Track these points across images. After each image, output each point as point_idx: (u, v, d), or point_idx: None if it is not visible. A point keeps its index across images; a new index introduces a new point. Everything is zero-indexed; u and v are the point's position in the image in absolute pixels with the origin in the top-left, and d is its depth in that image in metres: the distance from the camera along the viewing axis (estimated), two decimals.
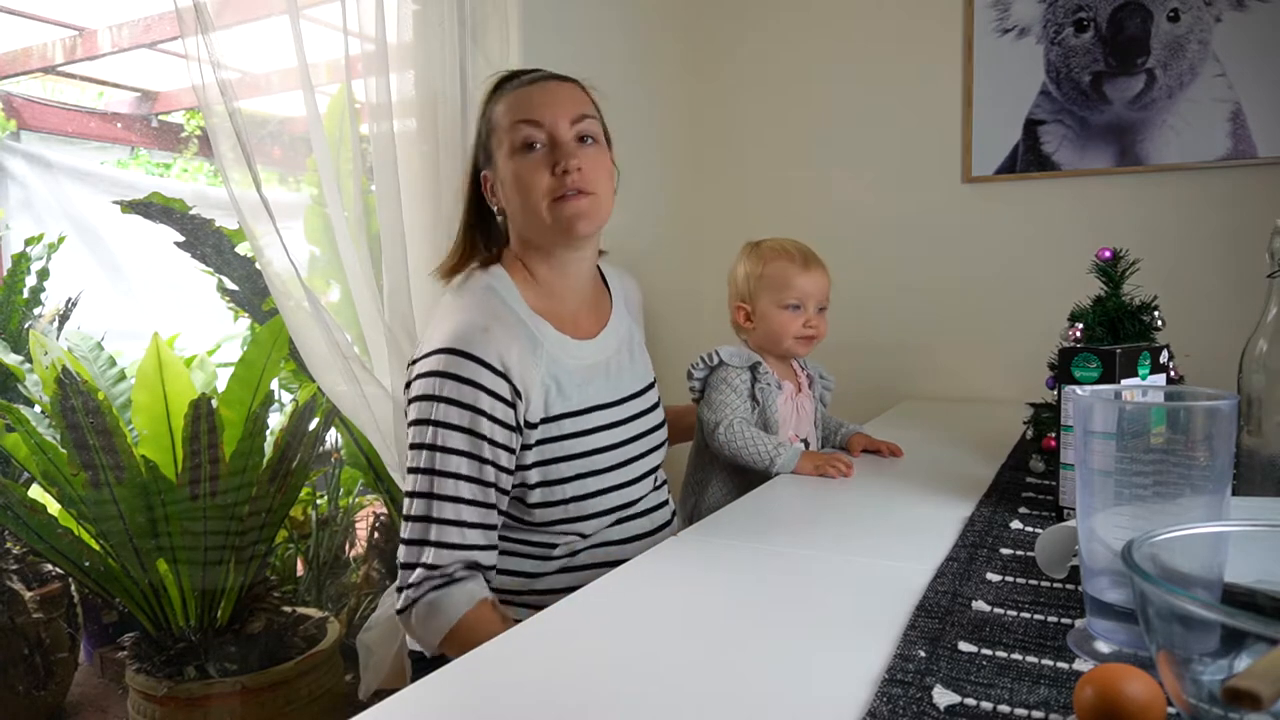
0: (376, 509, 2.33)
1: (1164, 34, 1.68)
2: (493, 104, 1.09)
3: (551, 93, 1.05)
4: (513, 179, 1.04)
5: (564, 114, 1.03)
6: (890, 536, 0.88)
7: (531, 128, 1.03)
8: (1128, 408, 0.56)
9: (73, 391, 1.72)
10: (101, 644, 2.41)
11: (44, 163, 3.50)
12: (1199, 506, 0.54)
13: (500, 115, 1.06)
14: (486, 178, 1.10)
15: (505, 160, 1.05)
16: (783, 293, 1.27)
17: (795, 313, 1.27)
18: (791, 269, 1.27)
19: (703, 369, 1.27)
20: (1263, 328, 0.88)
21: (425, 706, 0.56)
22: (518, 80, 1.09)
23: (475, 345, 0.98)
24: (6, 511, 1.79)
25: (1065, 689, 0.53)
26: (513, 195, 1.05)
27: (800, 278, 1.27)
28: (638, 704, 0.55)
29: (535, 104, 1.04)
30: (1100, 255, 1.07)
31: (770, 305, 1.28)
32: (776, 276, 1.27)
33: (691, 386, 1.29)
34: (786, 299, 1.27)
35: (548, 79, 1.08)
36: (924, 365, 1.95)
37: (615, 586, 0.76)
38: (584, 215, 1.03)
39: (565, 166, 1.01)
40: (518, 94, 1.06)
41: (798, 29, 2.04)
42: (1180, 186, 1.71)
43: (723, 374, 1.24)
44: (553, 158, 1.02)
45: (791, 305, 1.27)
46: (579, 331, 1.10)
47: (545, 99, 1.04)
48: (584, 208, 1.03)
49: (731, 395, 1.22)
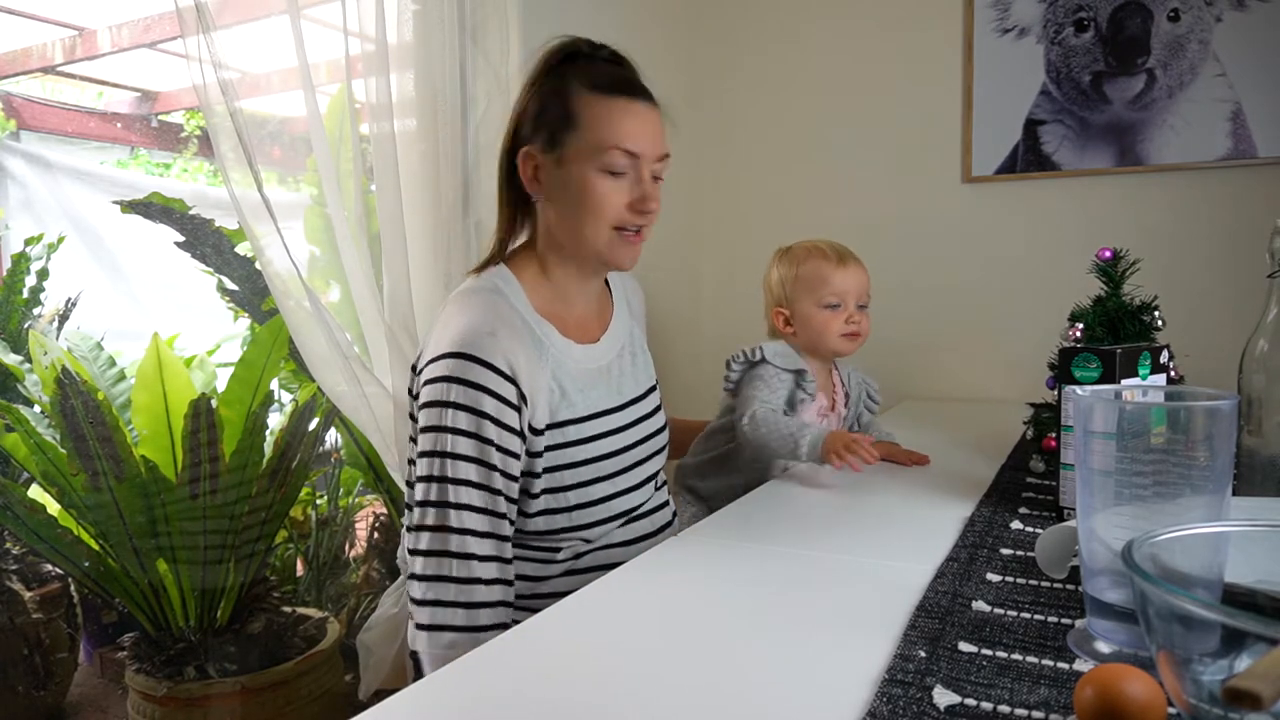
0: (376, 509, 2.33)
1: (1164, 34, 1.68)
2: (573, 88, 1.02)
3: (649, 123, 1.03)
4: (584, 193, 1.01)
5: (655, 151, 1.03)
6: (890, 536, 0.88)
7: (625, 158, 1.01)
8: (1128, 408, 0.56)
9: (72, 391, 1.72)
10: (101, 644, 2.41)
11: (44, 163, 3.49)
12: (1199, 506, 0.53)
13: (590, 119, 1.00)
14: (530, 156, 1.04)
15: (580, 168, 1.01)
16: (820, 292, 1.24)
17: (836, 311, 1.24)
18: (827, 266, 1.25)
19: (742, 362, 1.24)
20: (1263, 328, 0.88)
21: (425, 706, 0.56)
22: (604, 76, 1.03)
23: (483, 349, 0.97)
24: (6, 511, 1.79)
25: (1065, 689, 0.53)
26: (575, 206, 1.02)
27: (837, 275, 1.24)
28: (638, 704, 0.55)
29: (634, 133, 1.01)
30: (1100, 255, 1.07)
31: (810, 306, 1.25)
32: (812, 276, 1.25)
33: (727, 377, 1.26)
34: (825, 298, 1.24)
35: (643, 100, 1.03)
36: (924, 365, 1.95)
37: (616, 587, 0.76)
38: (634, 253, 1.06)
39: (644, 208, 1.02)
40: (615, 108, 1.01)
41: (798, 29, 2.04)
42: (1180, 186, 1.71)
43: (763, 370, 1.21)
44: (632, 190, 1.02)
45: (831, 304, 1.24)
46: (583, 336, 1.10)
47: (643, 129, 1.02)
48: (637, 248, 1.06)
49: (767, 391, 1.19)
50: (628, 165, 1.01)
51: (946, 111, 1.88)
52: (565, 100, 1.01)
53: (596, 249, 1.03)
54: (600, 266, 1.08)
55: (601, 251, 1.03)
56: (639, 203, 1.02)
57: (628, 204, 1.02)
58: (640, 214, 1.02)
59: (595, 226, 1.02)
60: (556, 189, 1.03)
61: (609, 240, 1.03)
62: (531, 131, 1.03)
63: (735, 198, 2.15)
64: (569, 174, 1.01)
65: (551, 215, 1.05)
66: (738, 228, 2.16)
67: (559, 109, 1.02)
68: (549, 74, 1.04)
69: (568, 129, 1.01)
